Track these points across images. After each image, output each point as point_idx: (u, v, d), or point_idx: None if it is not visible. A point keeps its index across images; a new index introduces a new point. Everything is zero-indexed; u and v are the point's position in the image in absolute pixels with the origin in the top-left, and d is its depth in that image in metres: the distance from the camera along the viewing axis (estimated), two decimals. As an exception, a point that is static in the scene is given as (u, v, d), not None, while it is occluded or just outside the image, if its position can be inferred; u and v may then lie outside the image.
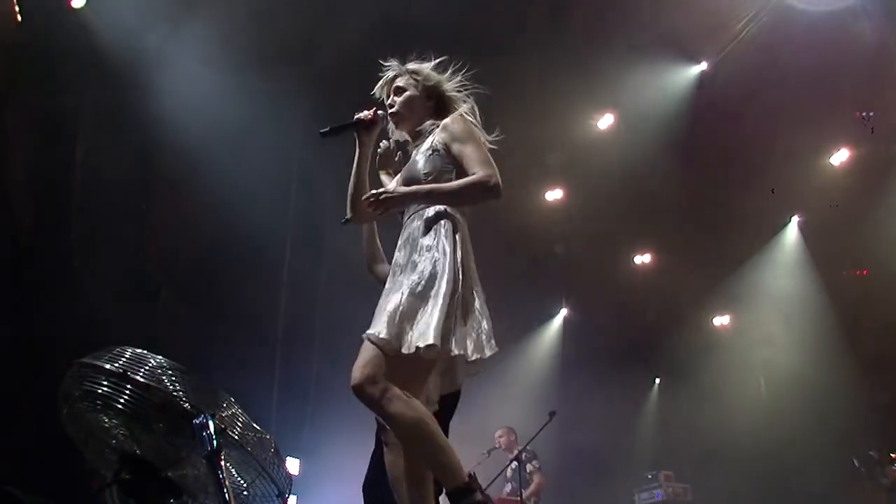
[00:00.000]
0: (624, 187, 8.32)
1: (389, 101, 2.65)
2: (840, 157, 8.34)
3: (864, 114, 7.51)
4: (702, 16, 6.96)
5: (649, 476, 7.89)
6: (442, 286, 2.17)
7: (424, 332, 2.08)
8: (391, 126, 2.71)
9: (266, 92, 6.53)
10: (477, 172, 2.34)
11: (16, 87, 4.78)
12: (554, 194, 9.23)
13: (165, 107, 5.84)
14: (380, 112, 2.65)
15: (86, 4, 5.19)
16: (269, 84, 6.53)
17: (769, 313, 9.05)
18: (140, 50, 5.59)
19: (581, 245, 9.24)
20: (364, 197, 2.42)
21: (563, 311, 10.20)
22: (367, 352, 2.15)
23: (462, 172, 2.38)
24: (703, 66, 7.77)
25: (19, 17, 4.73)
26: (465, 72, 2.66)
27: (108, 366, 2.29)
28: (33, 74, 4.90)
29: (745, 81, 7.49)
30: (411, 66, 2.66)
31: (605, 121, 8.34)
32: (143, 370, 2.29)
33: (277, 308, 7.40)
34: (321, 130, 2.60)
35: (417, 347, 2.08)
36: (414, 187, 2.38)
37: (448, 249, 2.25)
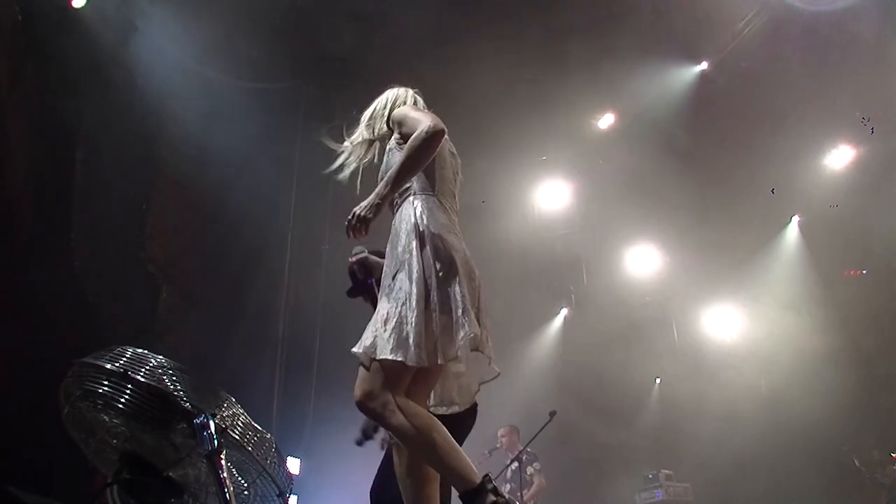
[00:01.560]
0: (625, 187, 8.33)
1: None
2: (840, 156, 8.34)
3: (864, 116, 7.51)
4: (703, 15, 6.97)
5: (650, 476, 7.89)
6: (413, 291, 2.17)
7: (408, 345, 2.10)
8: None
9: (267, 92, 6.53)
10: (414, 133, 2.34)
11: (16, 88, 4.78)
12: (556, 194, 9.23)
13: (166, 107, 5.84)
14: (352, 259, 2.97)
15: (86, 4, 5.19)
16: (270, 85, 6.53)
17: (770, 312, 9.04)
18: (141, 50, 5.59)
19: (582, 244, 9.25)
20: (345, 226, 2.34)
21: (564, 311, 10.20)
22: (362, 368, 2.18)
23: None
24: (704, 65, 7.78)
25: (20, 17, 4.73)
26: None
27: (108, 365, 2.29)
28: (34, 74, 4.90)
29: (746, 81, 7.49)
30: (364, 117, 2.77)
31: (607, 120, 8.34)
32: (143, 370, 2.29)
33: (278, 308, 7.40)
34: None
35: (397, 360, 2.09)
36: (375, 190, 2.35)
37: (416, 250, 2.25)
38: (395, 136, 2.53)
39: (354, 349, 2.18)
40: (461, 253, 2.30)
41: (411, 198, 2.40)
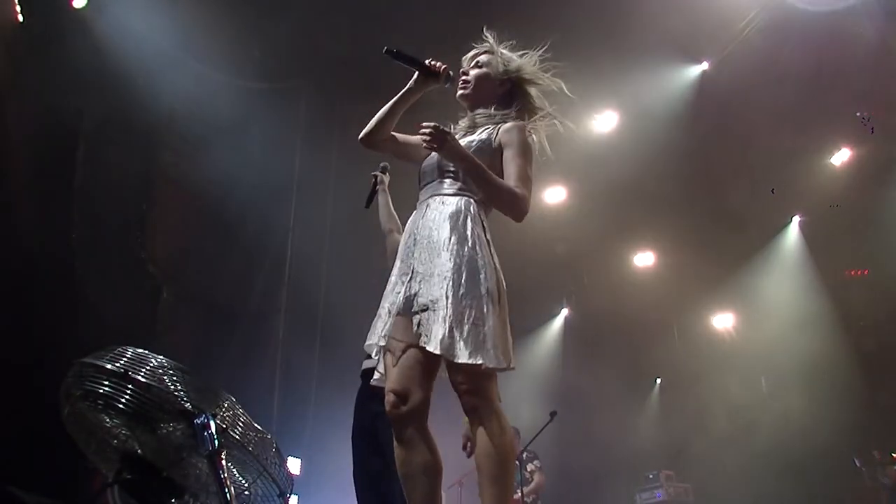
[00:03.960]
0: (625, 187, 8.32)
1: (465, 70, 2.62)
2: (841, 156, 8.34)
3: (864, 116, 7.51)
4: (703, 15, 6.96)
5: (650, 476, 7.90)
6: (486, 286, 2.19)
7: (496, 350, 2.12)
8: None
9: (267, 92, 6.53)
10: (517, 186, 2.36)
11: (16, 88, 4.77)
12: (555, 194, 9.22)
13: (166, 107, 5.84)
14: (450, 72, 2.59)
15: (87, 4, 5.19)
16: (270, 84, 6.53)
17: (770, 313, 9.05)
18: (141, 50, 5.59)
19: (582, 245, 9.24)
20: (423, 125, 2.33)
21: (564, 311, 10.20)
22: (464, 367, 2.13)
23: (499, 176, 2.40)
24: (705, 65, 7.77)
25: (20, 18, 4.72)
26: (552, 68, 2.68)
27: (109, 366, 2.28)
28: (34, 75, 4.89)
29: (747, 81, 7.48)
30: (502, 48, 2.65)
31: (607, 120, 8.33)
32: (144, 370, 2.29)
33: (279, 308, 7.40)
34: (389, 48, 2.50)
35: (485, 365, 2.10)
36: (471, 156, 2.34)
37: (486, 249, 2.28)
38: (499, 140, 2.45)
39: (462, 359, 2.10)
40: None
41: (473, 201, 2.38)
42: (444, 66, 2.55)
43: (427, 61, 2.53)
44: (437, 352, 2.10)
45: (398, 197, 3.65)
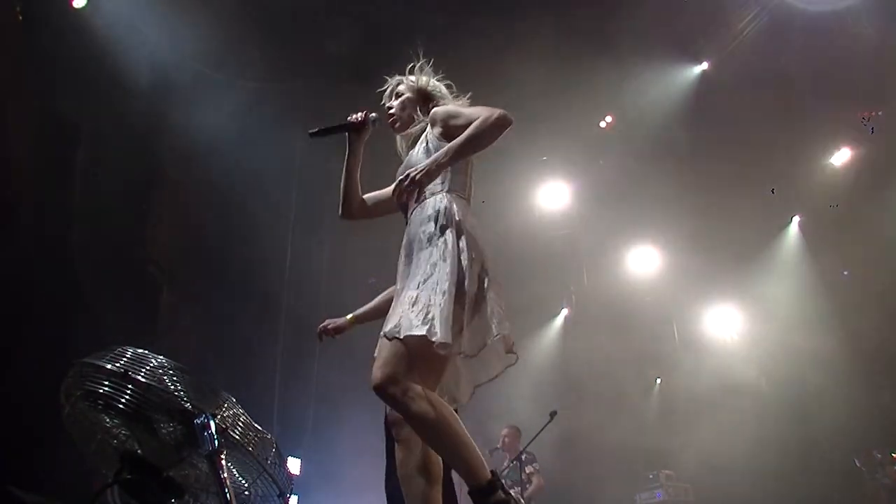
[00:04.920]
0: (625, 187, 8.32)
1: (389, 105, 2.74)
2: (841, 156, 8.34)
3: (864, 116, 7.51)
4: (703, 15, 6.97)
5: (650, 476, 7.89)
6: (446, 278, 2.15)
7: (433, 324, 2.05)
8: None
9: (267, 91, 6.53)
10: (476, 116, 2.36)
11: (16, 88, 4.77)
12: (556, 194, 9.22)
13: (166, 107, 5.84)
14: (371, 115, 2.72)
15: (87, 5, 5.19)
16: (269, 84, 6.53)
17: (770, 313, 9.04)
18: (141, 50, 5.59)
19: (582, 244, 9.25)
20: (393, 188, 2.41)
21: (564, 311, 10.20)
22: (385, 350, 2.11)
23: None
24: (705, 65, 7.78)
25: (20, 18, 4.73)
26: (446, 70, 2.74)
27: (109, 366, 2.28)
28: (34, 75, 4.90)
29: (747, 81, 7.48)
30: (406, 76, 2.76)
31: (607, 120, 8.34)
32: (144, 370, 2.29)
33: (279, 308, 7.40)
34: (310, 131, 2.65)
35: (432, 341, 2.04)
36: (433, 156, 2.35)
37: (451, 238, 2.24)
38: (437, 129, 2.50)
39: (386, 329, 2.12)
40: (489, 255, 2.32)
41: (441, 195, 2.39)
42: (364, 113, 2.70)
43: (349, 118, 2.68)
44: (382, 332, 2.12)
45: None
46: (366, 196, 2.77)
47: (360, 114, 2.69)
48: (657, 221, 9.03)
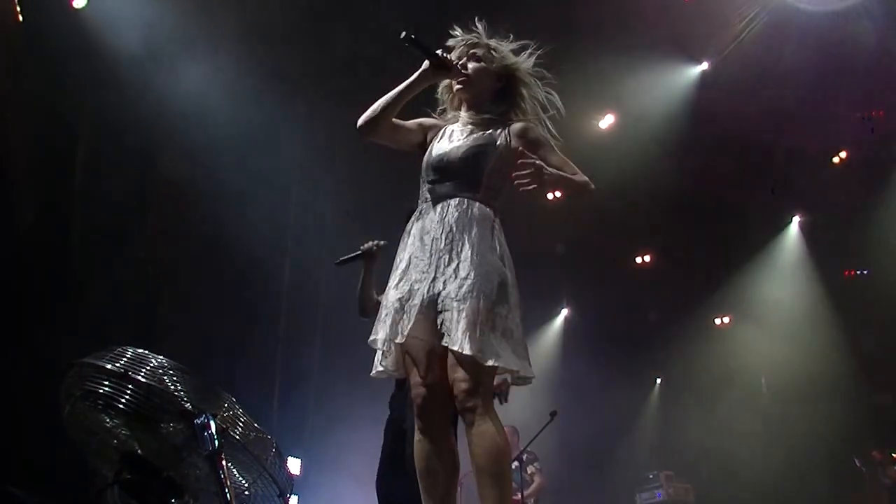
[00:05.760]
0: (625, 187, 8.31)
1: (461, 62, 2.51)
2: (841, 157, 8.34)
3: (864, 116, 7.51)
4: (703, 16, 6.96)
5: (650, 476, 7.89)
6: (513, 298, 2.24)
7: (529, 361, 2.25)
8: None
9: (267, 93, 6.53)
10: (580, 174, 2.39)
11: (16, 88, 4.77)
12: (555, 193, 9.21)
13: (166, 108, 5.83)
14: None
15: (87, 5, 5.19)
16: (269, 85, 6.53)
17: (770, 313, 9.05)
18: (141, 50, 5.59)
19: (582, 245, 9.24)
20: (518, 171, 2.24)
21: (564, 311, 10.20)
22: (467, 365, 2.14)
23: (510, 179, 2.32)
24: (705, 65, 7.77)
25: (20, 17, 4.72)
26: (541, 60, 2.60)
27: (109, 366, 2.28)
28: (34, 75, 4.89)
29: (747, 81, 7.48)
30: (493, 42, 2.58)
31: (607, 121, 8.33)
32: (144, 370, 2.29)
33: (279, 308, 7.39)
34: (407, 34, 2.38)
35: (513, 372, 2.20)
36: (566, 175, 2.33)
37: (508, 254, 2.31)
38: (519, 143, 2.39)
39: (468, 350, 2.09)
40: None
41: (494, 209, 2.40)
42: (456, 62, 2.47)
43: (440, 52, 2.44)
44: (467, 351, 2.10)
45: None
46: (394, 120, 2.49)
47: (453, 58, 2.49)
48: (657, 221, 9.03)
